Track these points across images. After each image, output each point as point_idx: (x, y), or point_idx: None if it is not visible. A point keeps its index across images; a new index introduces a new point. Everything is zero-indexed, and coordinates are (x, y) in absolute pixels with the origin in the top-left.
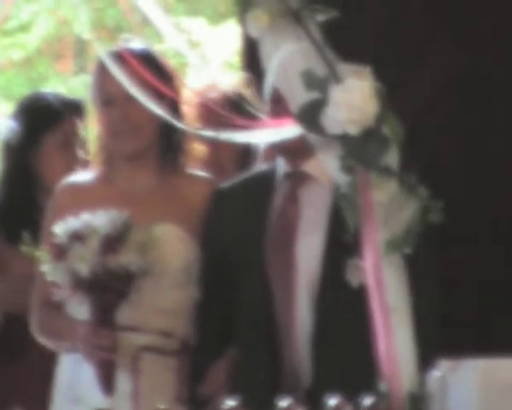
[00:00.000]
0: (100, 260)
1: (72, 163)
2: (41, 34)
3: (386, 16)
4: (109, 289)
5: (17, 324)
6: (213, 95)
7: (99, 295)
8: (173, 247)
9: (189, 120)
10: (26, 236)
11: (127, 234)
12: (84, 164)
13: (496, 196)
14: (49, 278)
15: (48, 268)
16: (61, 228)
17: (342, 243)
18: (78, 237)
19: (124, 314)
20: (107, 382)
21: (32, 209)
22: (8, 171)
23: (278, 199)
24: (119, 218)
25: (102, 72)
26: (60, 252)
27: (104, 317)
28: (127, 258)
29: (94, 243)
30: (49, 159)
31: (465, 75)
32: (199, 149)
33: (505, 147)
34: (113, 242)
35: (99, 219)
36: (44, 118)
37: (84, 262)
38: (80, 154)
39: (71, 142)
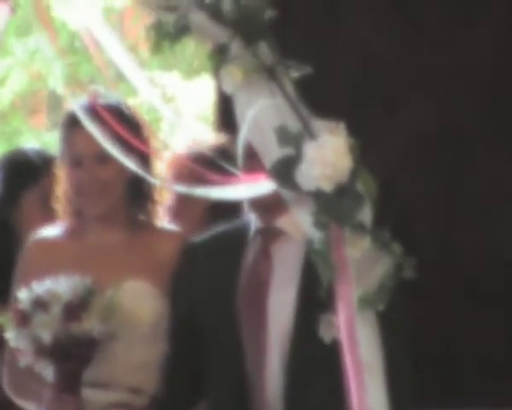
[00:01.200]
0: (62, 327)
1: (51, 219)
2: (14, 88)
3: (358, 72)
4: (73, 355)
5: None
6: (188, 150)
7: (62, 362)
8: (143, 303)
9: (161, 173)
10: None
11: (90, 300)
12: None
13: (470, 252)
14: (13, 344)
15: (11, 335)
16: (24, 294)
17: (315, 299)
18: (40, 303)
19: (92, 371)
20: None
21: (9, 266)
22: None
23: (250, 254)
24: (80, 284)
25: (71, 130)
26: (23, 319)
27: (68, 383)
28: (90, 324)
29: (56, 311)
30: (28, 215)
31: (437, 130)
32: (170, 199)
33: (478, 202)
34: (76, 309)
35: (61, 286)
36: (24, 174)
37: (46, 329)
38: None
39: (50, 198)
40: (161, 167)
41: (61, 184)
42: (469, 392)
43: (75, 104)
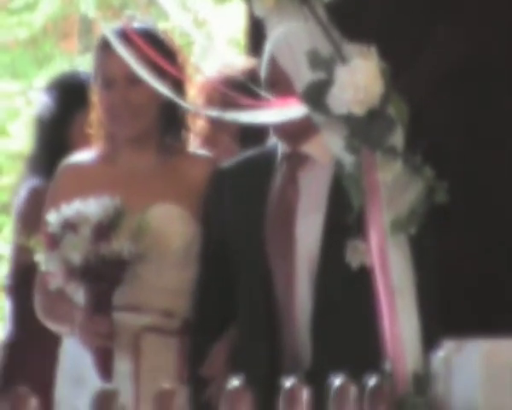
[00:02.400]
0: (92, 248)
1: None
2: (46, 13)
3: None
4: (103, 276)
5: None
6: (219, 74)
7: (93, 283)
8: (173, 226)
9: (193, 98)
10: (19, 227)
11: (119, 221)
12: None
13: (498, 182)
14: (43, 267)
15: (41, 258)
16: (53, 217)
17: (342, 225)
18: (70, 225)
19: (124, 294)
20: (105, 368)
21: None
22: (40, 146)
23: (278, 180)
24: (110, 205)
25: (103, 52)
26: (52, 241)
27: (100, 304)
28: (120, 245)
29: (86, 232)
30: (80, 136)
31: (469, 59)
32: (201, 126)
33: (508, 133)
34: (105, 229)
35: (90, 207)
36: (78, 96)
37: (76, 251)
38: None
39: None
40: (193, 93)
41: (95, 107)
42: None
43: (107, 28)
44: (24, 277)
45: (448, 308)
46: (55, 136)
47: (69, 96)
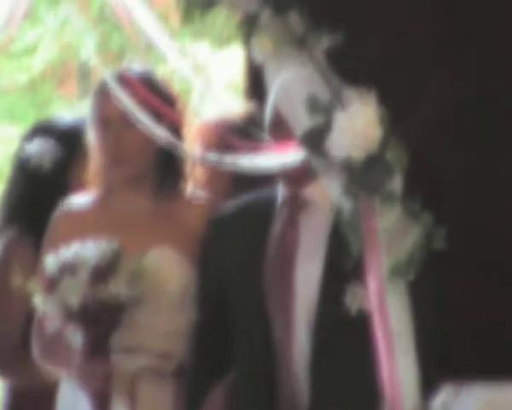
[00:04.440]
0: (90, 291)
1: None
2: (45, 58)
3: (388, 43)
4: (101, 319)
5: None
6: (217, 119)
7: (91, 326)
8: (170, 270)
9: (192, 144)
10: (15, 268)
11: (117, 264)
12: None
13: (499, 224)
14: (41, 310)
15: (39, 300)
16: (51, 260)
17: (341, 269)
18: (68, 268)
19: (120, 337)
20: None
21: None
22: (28, 193)
23: (278, 224)
24: (108, 248)
25: (100, 95)
26: (50, 284)
27: (97, 347)
28: (117, 288)
29: (84, 275)
30: (77, 182)
31: (467, 102)
32: (199, 171)
33: (510, 174)
34: (103, 273)
35: (88, 250)
36: (75, 142)
37: (74, 294)
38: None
39: None
40: (191, 138)
41: (91, 151)
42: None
43: (106, 73)
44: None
45: (449, 351)
46: (54, 184)
47: (67, 143)
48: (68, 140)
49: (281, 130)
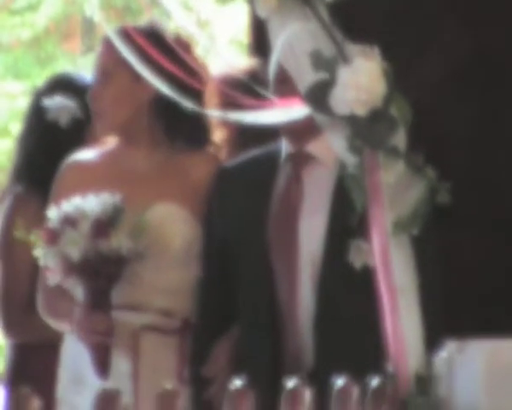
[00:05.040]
0: (91, 244)
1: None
2: (49, 13)
3: None
4: (101, 272)
5: None
6: (221, 74)
7: (91, 279)
8: (174, 226)
9: (203, 102)
10: (18, 222)
11: (118, 217)
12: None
13: (503, 181)
14: (42, 262)
15: (40, 253)
16: (53, 213)
17: (345, 225)
18: (69, 221)
19: (124, 293)
20: (102, 365)
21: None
22: (43, 150)
23: (281, 179)
24: (109, 201)
25: (99, 46)
26: (51, 237)
27: (98, 301)
28: (118, 242)
29: (84, 227)
30: (94, 139)
31: (473, 57)
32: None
33: None
34: (104, 225)
35: (90, 203)
36: None
37: (75, 246)
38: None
39: None
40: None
41: None
42: None
43: (109, 29)
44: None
45: (452, 308)
46: (70, 141)
47: (86, 101)
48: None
49: (285, 86)
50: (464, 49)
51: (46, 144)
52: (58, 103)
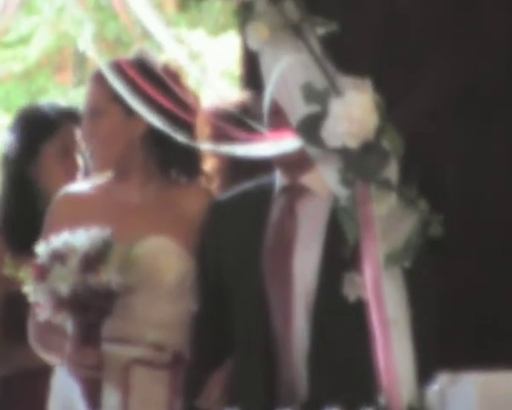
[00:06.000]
0: (80, 279)
1: (73, 171)
2: (41, 46)
3: (385, 29)
4: (91, 307)
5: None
6: (212, 107)
7: (81, 315)
8: (166, 259)
9: (195, 133)
10: (8, 259)
11: (108, 252)
12: (86, 171)
13: (495, 209)
14: (32, 298)
15: (30, 289)
16: (41, 248)
17: (339, 257)
18: (58, 256)
19: (115, 327)
20: (93, 399)
21: (35, 220)
22: (9, 184)
23: (276, 212)
24: (98, 236)
25: (89, 84)
26: (41, 272)
27: (87, 335)
28: (108, 276)
29: (73, 263)
30: (48, 168)
31: (464, 87)
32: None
33: (505, 160)
34: (93, 260)
35: (78, 238)
36: (41, 128)
37: (64, 282)
38: (80, 161)
39: (69, 150)
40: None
41: None
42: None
43: (101, 61)
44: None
45: (445, 339)
46: (22, 172)
47: (32, 130)
48: (32, 129)
49: (279, 117)
50: (452, 83)
51: (9, 177)
52: (7, 139)
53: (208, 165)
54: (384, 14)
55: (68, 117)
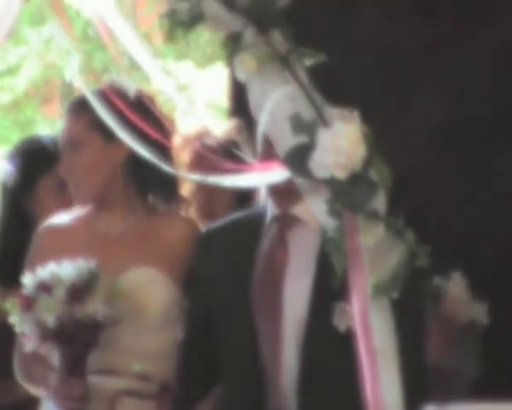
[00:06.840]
0: (66, 310)
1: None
2: (28, 77)
3: (372, 61)
4: (77, 339)
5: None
6: (202, 140)
7: (67, 346)
8: (151, 290)
9: (177, 162)
10: None
11: (94, 283)
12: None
13: (483, 237)
14: (18, 329)
15: (16, 320)
16: (28, 279)
17: (330, 287)
18: (44, 287)
19: (100, 358)
20: None
21: (23, 251)
22: (5, 214)
23: (266, 242)
24: (84, 267)
25: (65, 116)
26: (27, 303)
27: (73, 366)
28: (94, 308)
29: (60, 294)
30: (44, 202)
31: (451, 119)
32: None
33: (491, 189)
34: (79, 292)
35: (65, 269)
36: (39, 161)
37: (50, 313)
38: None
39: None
40: (178, 157)
41: None
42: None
43: (88, 92)
44: None
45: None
46: (19, 204)
47: (31, 161)
48: (31, 161)
49: (271, 146)
50: (441, 111)
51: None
52: (5, 169)
53: (185, 189)
54: (372, 45)
55: None
